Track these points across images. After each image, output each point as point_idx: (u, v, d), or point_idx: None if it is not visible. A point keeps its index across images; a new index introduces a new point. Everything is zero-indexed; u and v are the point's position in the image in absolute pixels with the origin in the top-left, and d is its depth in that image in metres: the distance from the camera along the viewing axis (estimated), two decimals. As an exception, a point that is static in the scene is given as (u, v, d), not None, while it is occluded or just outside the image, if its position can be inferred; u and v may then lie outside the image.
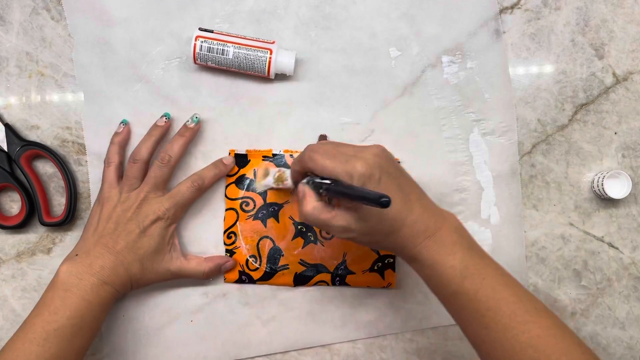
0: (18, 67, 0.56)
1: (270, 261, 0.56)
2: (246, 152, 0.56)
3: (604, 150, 0.57)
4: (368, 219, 0.42)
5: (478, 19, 0.56)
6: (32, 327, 0.46)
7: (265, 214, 0.56)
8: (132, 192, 0.52)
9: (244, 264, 0.56)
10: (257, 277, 0.56)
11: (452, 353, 0.57)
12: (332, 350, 0.57)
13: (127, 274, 0.50)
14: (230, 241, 0.56)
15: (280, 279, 0.56)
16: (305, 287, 0.56)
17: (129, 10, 0.56)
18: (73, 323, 0.46)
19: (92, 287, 0.48)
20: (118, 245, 0.50)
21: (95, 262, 0.49)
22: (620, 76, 0.57)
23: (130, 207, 0.51)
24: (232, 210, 0.56)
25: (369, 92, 0.56)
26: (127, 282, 0.51)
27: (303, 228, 0.56)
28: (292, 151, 0.56)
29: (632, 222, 0.58)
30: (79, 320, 0.47)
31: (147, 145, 0.53)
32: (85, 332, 0.48)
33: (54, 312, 0.46)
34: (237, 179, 0.56)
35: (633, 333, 0.58)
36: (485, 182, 0.57)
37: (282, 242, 0.56)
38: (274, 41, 0.54)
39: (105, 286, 0.49)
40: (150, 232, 0.51)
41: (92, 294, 0.48)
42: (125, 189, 0.52)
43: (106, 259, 0.49)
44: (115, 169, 0.53)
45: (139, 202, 0.52)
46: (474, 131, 0.57)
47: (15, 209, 0.57)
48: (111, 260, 0.50)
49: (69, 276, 0.48)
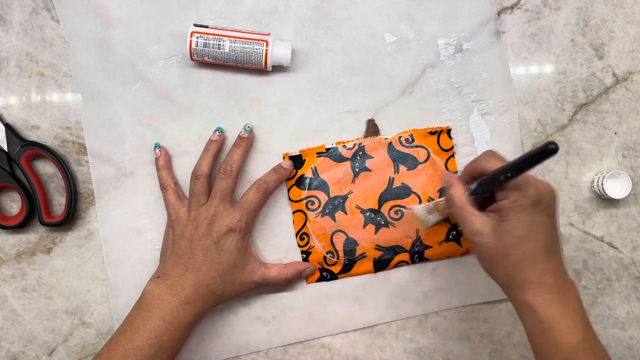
0: (18, 67, 0.56)
1: (347, 253, 0.56)
2: (300, 152, 0.56)
3: (604, 150, 0.57)
4: (506, 234, 0.42)
5: (478, 19, 0.56)
6: (115, 344, 0.47)
7: (332, 208, 0.56)
8: (200, 208, 0.52)
9: (322, 261, 0.56)
10: (337, 271, 0.56)
11: (452, 353, 0.57)
12: (332, 350, 0.57)
13: (209, 291, 0.50)
14: (303, 242, 0.56)
15: (360, 268, 0.56)
16: (387, 270, 0.57)
17: (128, 10, 0.56)
18: (151, 343, 0.47)
19: (172, 308, 0.48)
20: (197, 263, 0.50)
21: (176, 283, 0.49)
22: (620, 76, 0.57)
23: (202, 223, 0.51)
24: (299, 212, 0.56)
25: (369, 92, 0.56)
26: (209, 300, 0.51)
27: (372, 214, 0.56)
28: (344, 142, 0.56)
29: (632, 222, 0.58)
30: (157, 340, 0.48)
31: (206, 160, 0.53)
32: (164, 352, 0.48)
33: (135, 331, 0.48)
34: (297, 181, 0.56)
35: (633, 333, 0.58)
36: None
37: (355, 232, 0.56)
38: (269, 33, 0.54)
39: (186, 306, 0.49)
40: (226, 245, 0.51)
41: (171, 315, 0.48)
42: (193, 207, 0.52)
43: (187, 279, 0.50)
44: (173, 192, 0.53)
45: (209, 217, 0.51)
46: (474, 112, 0.57)
47: (15, 209, 0.57)
48: (192, 279, 0.50)
49: (151, 297, 0.49)
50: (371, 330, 0.57)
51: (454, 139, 0.57)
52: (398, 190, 0.56)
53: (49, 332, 0.57)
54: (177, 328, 0.49)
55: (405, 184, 0.56)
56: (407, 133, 0.56)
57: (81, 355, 0.57)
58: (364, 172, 0.56)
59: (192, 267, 0.50)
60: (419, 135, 0.56)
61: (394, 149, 0.56)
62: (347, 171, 0.56)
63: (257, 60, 0.53)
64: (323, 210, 0.56)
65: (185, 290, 0.49)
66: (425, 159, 0.56)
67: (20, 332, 0.57)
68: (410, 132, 0.56)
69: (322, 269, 0.57)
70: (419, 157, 0.56)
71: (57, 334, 0.57)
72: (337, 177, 0.56)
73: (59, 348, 0.57)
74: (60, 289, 0.57)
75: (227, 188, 0.52)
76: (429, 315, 0.57)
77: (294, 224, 0.56)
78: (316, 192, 0.56)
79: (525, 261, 0.42)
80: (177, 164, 0.56)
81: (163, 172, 0.54)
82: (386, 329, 0.57)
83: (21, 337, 0.57)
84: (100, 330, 0.57)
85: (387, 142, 0.56)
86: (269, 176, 0.54)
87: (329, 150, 0.56)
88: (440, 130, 0.56)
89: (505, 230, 0.42)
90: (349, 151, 0.56)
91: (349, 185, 0.56)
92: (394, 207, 0.56)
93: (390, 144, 0.56)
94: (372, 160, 0.56)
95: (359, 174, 0.56)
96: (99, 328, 0.57)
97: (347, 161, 0.56)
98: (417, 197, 0.56)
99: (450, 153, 0.56)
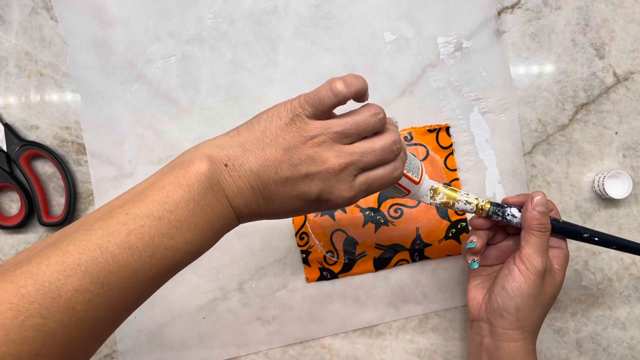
0: (17, 66, 0.56)
1: (347, 252, 0.56)
2: None
3: (604, 150, 0.57)
4: (555, 283, 0.47)
5: (478, 19, 0.56)
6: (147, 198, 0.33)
7: None
8: (337, 143, 0.37)
9: (322, 261, 0.56)
10: (337, 270, 0.56)
11: (452, 353, 0.57)
12: (332, 351, 0.57)
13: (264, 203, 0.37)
14: (303, 242, 0.56)
15: (360, 267, 0.56)
16: (387, 269, 0.57)
17: (127, 10, 0.56)
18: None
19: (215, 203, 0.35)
20: (277, 197, 0.36)
21: (243, 193, 0.36)
22: (620, 76, 0.57)
23: (323, 163, 0.36)
24: None
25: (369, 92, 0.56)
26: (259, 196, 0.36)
27: (371, 213, 0.56)
28: None
29: (632, 222, 0.57)
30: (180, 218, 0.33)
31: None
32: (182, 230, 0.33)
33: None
34: None
35: (634, 333, 0.58)
36: (488, 160, 0.57)
37: (355, 231, 0.56)
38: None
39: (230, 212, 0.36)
40: (304, 184, 0.36)
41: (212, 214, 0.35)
42: (334, 129, 0.37)
43: (255, 202, 0.36)
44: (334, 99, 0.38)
45: (339, 167, 0.36)
46: (474, 110, 0.57)
47: (15, 209, 0.57)
48: (261, 206, 0.36)
49: (204, 186, 0.34)
50: (371, 330, 0.57)
51: (453, 136, 0.56)
52: None
53: (48, 333, 0.57)
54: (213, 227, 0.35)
55: None
56: (406, 131, 0.56)
57: (81, 356, 0.57)
58: None
59: (267, 192, 0.36)
60: (418, 133, 0.56)
61: None
62: None
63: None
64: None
65: (247, 209, 0.36)
66: (425, 157, 0.56)
67: (19, 333, 0.57)
68: (408, 130, 0.56)
69: (322, 268, 0.56)
70: (417, 155, 0.56)
71: (56, 334, 0.57)
72: None
73: (58, 348, 0.57)
74: (59, 289, 0.56)
75: (382, 181, 0.38)
76: (429, 315, 0.57)
77: (294, 223, 0.56)
78: None
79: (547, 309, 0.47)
80: (177, 164, 0.56)
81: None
82: (386, 329, 0.57)
83: (20, 337, 0.57)
84: (99, 331, 0.57)
85: None
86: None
87: None
88: (439, 128, 0.56)
89: (555, 280, 0.46)
90: None
91: None
92: (393, 205, 0.56)
93: None
94: None
95: None
96: (99, 328, 0.57)
97: None
98: None
99: (449, 151, 0.56)
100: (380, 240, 0.56)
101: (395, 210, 0.56)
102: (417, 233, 0.56)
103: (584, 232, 0.47)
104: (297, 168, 0.35)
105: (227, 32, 0.56)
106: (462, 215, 0.57)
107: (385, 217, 0.56)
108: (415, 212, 0.56)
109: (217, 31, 0.56)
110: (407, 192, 0.44)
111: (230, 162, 0.35)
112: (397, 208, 0.56)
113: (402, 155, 0.40)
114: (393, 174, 0.39)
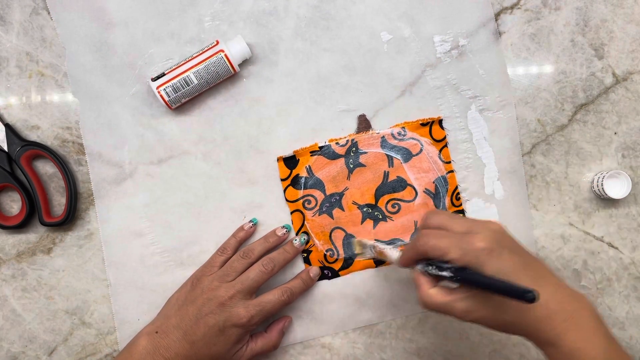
0: (18, 67, 0.56)
1: (347, 250, 0.56)
2: (293, 152, 0.56)
3: (603, 150, 0.57)
4: (491, 302, 0.40)
5: (477, 20, 0.56)
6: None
7: (329, 206, 0.56)
8: (223, 283, 0.51)
9: (322, 260, 0.57)
10: (338, 267, 0.57)
11: (452, 353, 0.57)
12: (332, 350, 0.57)
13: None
14: None
15: (361, 263, 0.57)
16: (387, 265, 0.57)
17: (127, 12, 0.56)
18: None
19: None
20: (196, 335, 0.50)
21: (171, 346, 0.49)
22: (620, 76, 0.57)
23: (217, 298, 0.50)
24: (297, 212, 0.56)
25: (369, 92, 0.56)
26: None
27: (369, 209, 0.57)
28: (337, 139, 0.56)
29: (631, 222, 0.58)
30: None
31: (261, 249, 0.53)
32: None
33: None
34: (293, 181, 0.56)
35: (633, 333, 0.58)
36: (486, 157, 0.57)
37: (354, 228, 0.57)
38: (217, 41, 0.54)
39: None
40: (229, 333, 0.50)
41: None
42: (218, 277, 0.52)
43: (181, 347, 0.50)
44: (224, 260, 0.53)
45: (226, 298, 0.50)
46: (472, 108, 0.57)
47: (16, 209, 0.57)
48: (186, 349, 0.50)
49: (145, 354, 0.49)
50: (371, 330, 0.57)
51: (446, 129, 0.57)
52: (394, 183, 0.56)
53: (49, 332, 0.57)
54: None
55: (401, 176, 0.56)
56: (399, 126, 0.56)
57: (81, 355, 0.57)
58: (359, 167, 0.56)
59: (191, 337, 0.50)
60: (411, 128, 0.56)
61: (387, 142, 0.56)
62: (342, 168, 0.56)
63: (224, 70, 0.53)
64: (320, 209, 0.56)
65: (177, 357, 0.49)
66: (419, 151, 0.56)
67: (20, 332, 0.57)
68: (402, 124, 0.56)
69: (323, 267, 0.57)
70: (412, 149, 0.56)
71: (57, 334, 0.57)
72: (332, 174, 0.56)
73: (59, 348, 0.57)
74: (60, 289, 0.57)
75: (258, 282, 0.51)
76: (429, 315, 0.57)
77: (293, 223, 0.57)
78: (312, 190, 0.56)
79: (524, 306, 0.39)
80: (177, 164, 0.56)
81: (234, 241, 0.55)
82: (386, 328, 0.57)
83: (21, 337, 0.57)
84: (100, 330, 0.57)
85: (379, 137, 0.56)
86: (295, 284, 0.54)
87: (322, 148, 0.56)
88: (432, 121, 0.56)
89: (488, 297, 0.40)
90: (342, 148, 0.56)
91: (344, 181, 0.56)
92: (390, 200, 0.56)
93: (383, 138, 0.56)
94: (366, 155, 0.56)
95: (353, 170, 0.56)
96: (99, 328, 0.57)
97: (341, 158, 0.56)
98: (413, 189, 0.56)
99: (443, 143, 0.57)
100: (380, 236, 0.57)
101: (392, 205, 0.57)
102: (416, 226, 0.57)
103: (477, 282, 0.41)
104: (202, 309, 0.50)
105: (227, 33, 0.56)
106: (459, 207, 0.57)
107: (383, 213, 0.57)
108: (412, 206, 0.57)
109: (216, 32, 0.56)
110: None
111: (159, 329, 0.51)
112: (395, 203, 0.57)
113: (295, 284, 0.55)
114: (281, 298, 0.52)
